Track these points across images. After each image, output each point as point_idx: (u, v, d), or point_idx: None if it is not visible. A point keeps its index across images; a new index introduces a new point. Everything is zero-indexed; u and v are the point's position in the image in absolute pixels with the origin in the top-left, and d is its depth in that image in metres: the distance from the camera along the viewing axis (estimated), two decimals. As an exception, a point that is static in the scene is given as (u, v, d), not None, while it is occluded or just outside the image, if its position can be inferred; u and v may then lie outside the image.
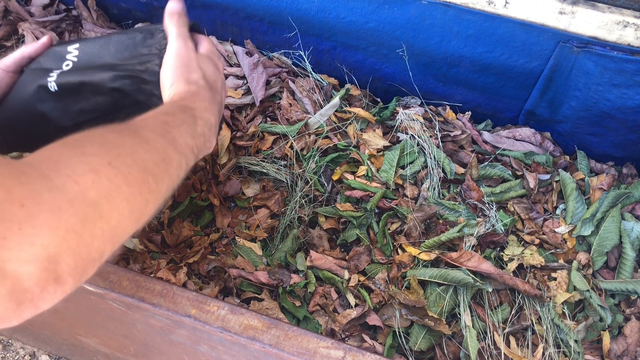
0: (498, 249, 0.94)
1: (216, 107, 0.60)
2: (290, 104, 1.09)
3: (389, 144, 1.04)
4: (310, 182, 0.98)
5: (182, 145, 0.49)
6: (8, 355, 1.29)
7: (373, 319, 0.84)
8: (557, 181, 1.03)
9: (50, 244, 0.33)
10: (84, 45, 0.69)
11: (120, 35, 0.69)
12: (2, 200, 0.31)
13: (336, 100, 1.07)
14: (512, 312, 0.87)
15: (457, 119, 1.11)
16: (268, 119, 1.10)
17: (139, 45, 0.67)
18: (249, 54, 1.17)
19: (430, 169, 1.01)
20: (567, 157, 1.09)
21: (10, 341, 1.31)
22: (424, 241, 0.92)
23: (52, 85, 0.65)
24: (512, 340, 0.85)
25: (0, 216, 0.30)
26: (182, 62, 0.60)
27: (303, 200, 0.97)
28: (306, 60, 1.14)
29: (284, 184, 1.00)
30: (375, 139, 1.04)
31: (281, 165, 1.01)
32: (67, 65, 0.67)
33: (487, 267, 0.86)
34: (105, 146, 0.40)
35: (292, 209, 0.95)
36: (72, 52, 0.69)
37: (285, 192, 0.99)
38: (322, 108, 1.08)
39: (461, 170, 1.02)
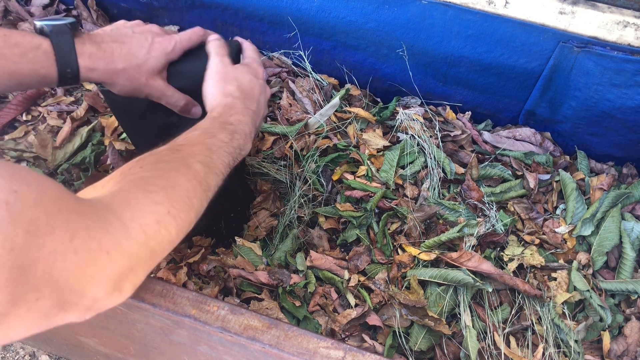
0: (498, 249, 0.94)
1: (250, 115, 0.67)
2: (290, 104, 1.09)
3: (389, 144, 1.04)
4: (309, 182, 0.98)
5: (220, 167, 0.59)
6: (8, 355, 1.29)
7: (373, 319, 0.84)
8: (557, 181, 1.03)
9: (119, 276, 0.44)
10: None
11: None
12: (95, 249, 0.41)
13: (336, 100, 1.07)
14: (512, 312, 0.87)
15: (457, 119, 1.11)
16: (268, 119, 1.10)
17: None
18: (249, 54, 1.17)
19: (430, 169, 1.01)
20: (567, 157, 1.09)
21: (10, 341, 1.31)
22: (424, 241, 0.91)
23: None
24: (512, 340, 0.85)
25: (92, 261, 0.41)
26: (219, 77, 0.68)
27: (302, 200, 0.97)
28: (306, 60, 1.14)
29: (283, 184, 1.00)
30: (375, 139, 1.04)
31: (281, 166, 1.01)
32: None
33: (487, 267, 0.86)
34: (167, 191, 0.51)
35: (291, 209, 0.95)
36: None
37: (279, 192, 0.99)
38: (322, 108, 1.08)
39: (461, 170, 1.02)
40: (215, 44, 0.72)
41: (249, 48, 0.77)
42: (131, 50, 0.65)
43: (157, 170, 0.52)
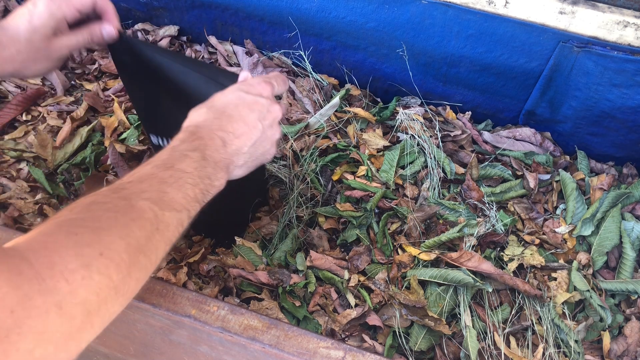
0: (498, 249, 0.94)
1: (221, 138, 0.57)
2: (290, 104, 1.09)
3: (389, 144, 1.04)
4: (307, 180, 0.98)
5: (181, 202, 0.51)
6: (8, 355, 1.29)
7: (373, 319, 0.84)
8: (557, 181, 1.03)
9: (34, 348, 0.35)
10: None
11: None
12: None
13: (336, 100, 1.07)
14: (512, 312, 0.87)
15: (457, 119, 1.11)
16: (268, 119, 1.09)
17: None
18: (249, 53, 1.17)
19: (430, 169, 1.01)
20: (568, 157, 1.09)
21: (10, 341, 1.31)
22: (424, 241, 0.91)
23: None
24: (512, 340, 0.85)
25: None
26: (203, 104, 0.62)
27: (301, 200, 0.97)
28: (306, 60, 1.14)
29: (283, 184, 1.00)
30: (375, 139, 1.04)
31: (281, 165, 1.01)
32: None
33: (487, 267, 0.86)
34: (99, 232, 0.42)
35: (290, 208, 0.95)
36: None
37: (280, 191, 0.99)
38: (322, 108, 1.08)
39: (461, 170, 1.02)
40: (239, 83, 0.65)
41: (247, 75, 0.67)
42: (13, 29, 0.62)
43: (89, 212, 0.44)
